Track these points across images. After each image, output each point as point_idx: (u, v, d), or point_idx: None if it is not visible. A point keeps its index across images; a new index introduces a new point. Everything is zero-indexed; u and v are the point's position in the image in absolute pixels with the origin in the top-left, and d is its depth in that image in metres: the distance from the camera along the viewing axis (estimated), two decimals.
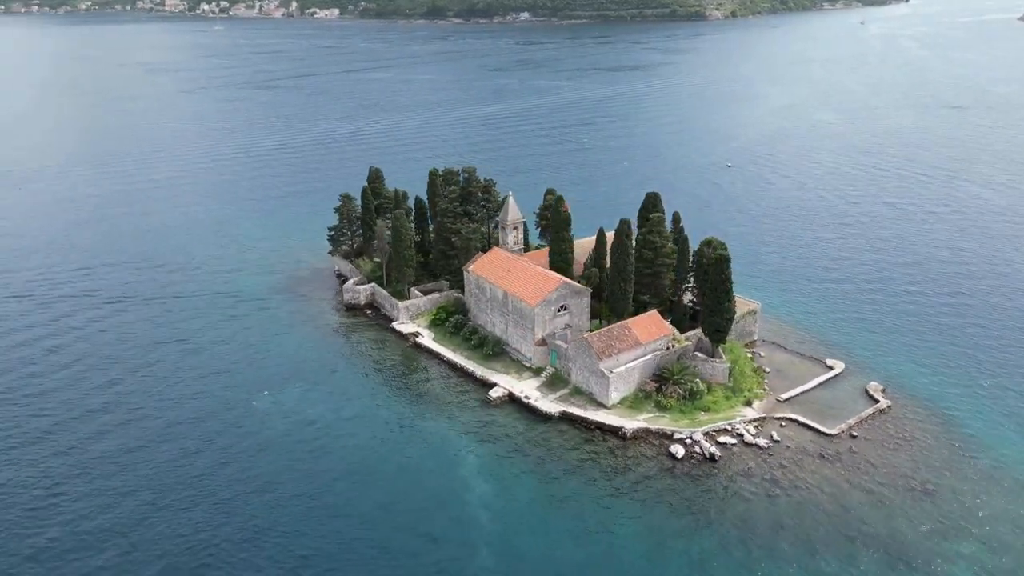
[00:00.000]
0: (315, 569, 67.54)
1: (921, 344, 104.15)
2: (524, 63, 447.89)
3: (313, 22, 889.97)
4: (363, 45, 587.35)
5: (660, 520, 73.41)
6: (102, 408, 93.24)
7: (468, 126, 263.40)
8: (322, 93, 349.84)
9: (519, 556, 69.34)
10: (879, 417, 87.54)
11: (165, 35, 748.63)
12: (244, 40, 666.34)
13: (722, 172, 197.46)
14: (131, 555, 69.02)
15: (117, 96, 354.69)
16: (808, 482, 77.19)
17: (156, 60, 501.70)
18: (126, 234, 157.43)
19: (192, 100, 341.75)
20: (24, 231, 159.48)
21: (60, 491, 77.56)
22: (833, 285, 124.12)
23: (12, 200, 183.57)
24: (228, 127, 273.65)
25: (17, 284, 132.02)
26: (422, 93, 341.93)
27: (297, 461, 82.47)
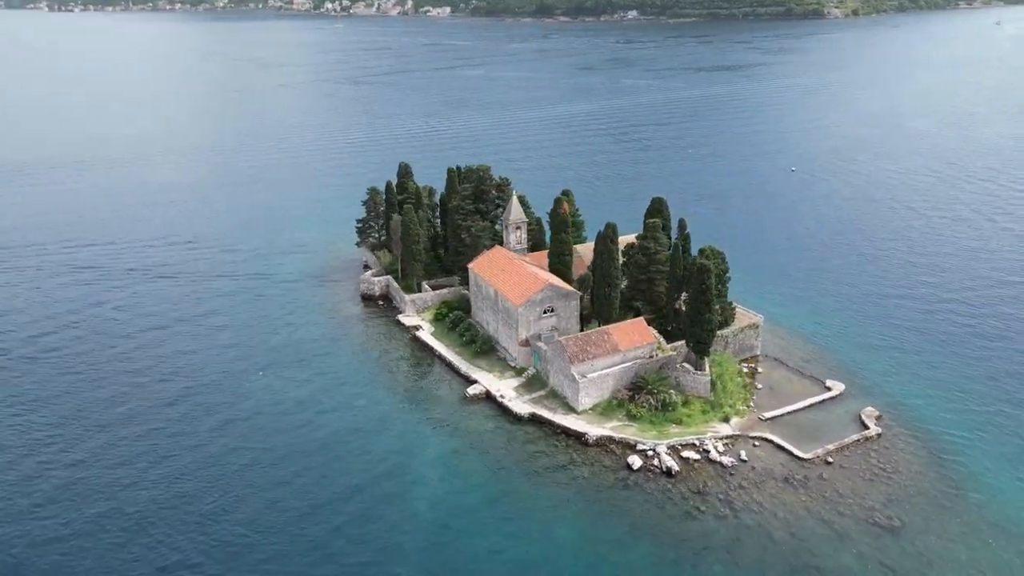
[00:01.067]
0: (224, 542, 70.48)
1: (937, 374, 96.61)
2: (615, 62, 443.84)
3: (425, 20, 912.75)
4: (462, 43, 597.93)
5: (601, 529, 72.26)
6: (102, 372, 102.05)
7: (540, 125, 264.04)
8: (412, 89, 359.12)
9: (450, 550, 69.99)
10: (864, 445, 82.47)
11: (289, 32, 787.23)
12: (356, 37, 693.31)
13: (783, 176, 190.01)
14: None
15: (231, 88, 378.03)
16: (764, 506, 73.89)
17: (274, 55, 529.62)
18: (197, 216, 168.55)
19: (292, 93, 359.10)
20: (99, 212, 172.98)
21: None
22: (857, 304, 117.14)
23: (103, 182, 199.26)
24: (316, 121, 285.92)
25: (86, 256, 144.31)
26: (505, 91, 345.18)
27: (257, 438, 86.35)
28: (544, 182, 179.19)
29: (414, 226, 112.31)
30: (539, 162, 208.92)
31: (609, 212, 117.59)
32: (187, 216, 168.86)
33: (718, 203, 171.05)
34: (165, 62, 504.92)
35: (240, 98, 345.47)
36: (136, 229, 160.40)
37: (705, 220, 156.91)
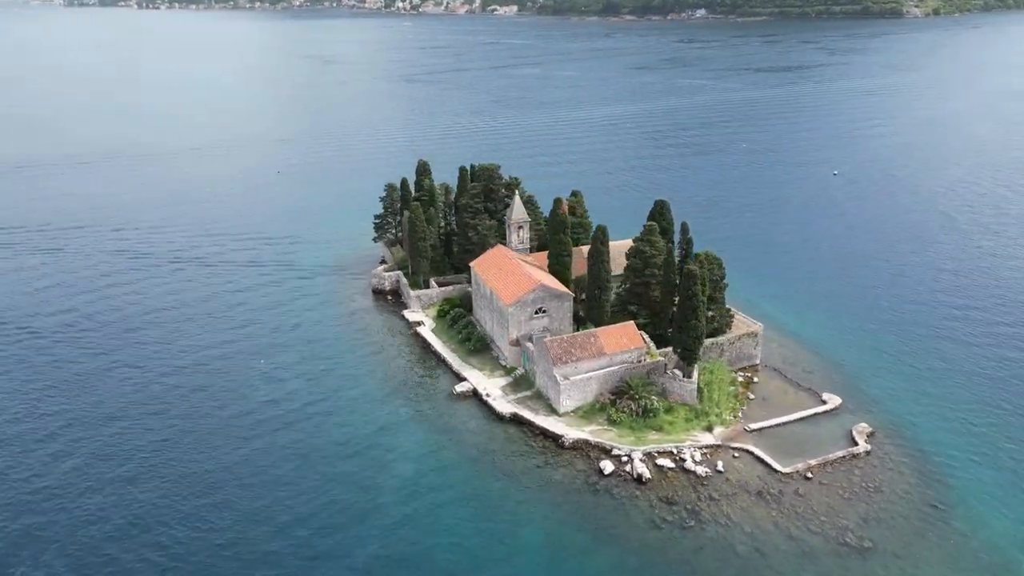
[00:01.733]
0: (184, 524, 72.70)
1: (944, 395, 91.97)
2: (672, 62, 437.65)
3: (491, 19, 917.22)
4: (522, 41, 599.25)
5: (565, 533, 71.85)
6: (111, 347, 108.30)
7: (582, 125, 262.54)
8: (463, 88, 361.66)
9: (412, 544, 70.60)
10: (849, 462, 79.65)
11: (358, 31, 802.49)
12: (421, 36, 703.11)
13: (824, 181, 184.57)
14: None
15: (293, 84, 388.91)
16: (731, 519, 72.21)
17: (339, 53, 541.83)
18: (244, 206, 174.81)
19: (349, 90, 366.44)
20: (154, 199, 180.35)
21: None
22: (874, 318, 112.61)
23: (162, 173, 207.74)
24: (366, 117, 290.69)
25: (133, 240, 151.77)
26: (555, 90, 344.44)
27: (236, 423, 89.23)
28: (571, 183, 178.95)
29: (420, 223, 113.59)
30: (573, 163, 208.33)
31: (638, 216, 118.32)
32: (236, 206, 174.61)
33: (750, 207, 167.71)
34: (238, 58, 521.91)
35: (300, 94, 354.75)
36: (186, 217, 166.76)
37: (733, 224, 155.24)
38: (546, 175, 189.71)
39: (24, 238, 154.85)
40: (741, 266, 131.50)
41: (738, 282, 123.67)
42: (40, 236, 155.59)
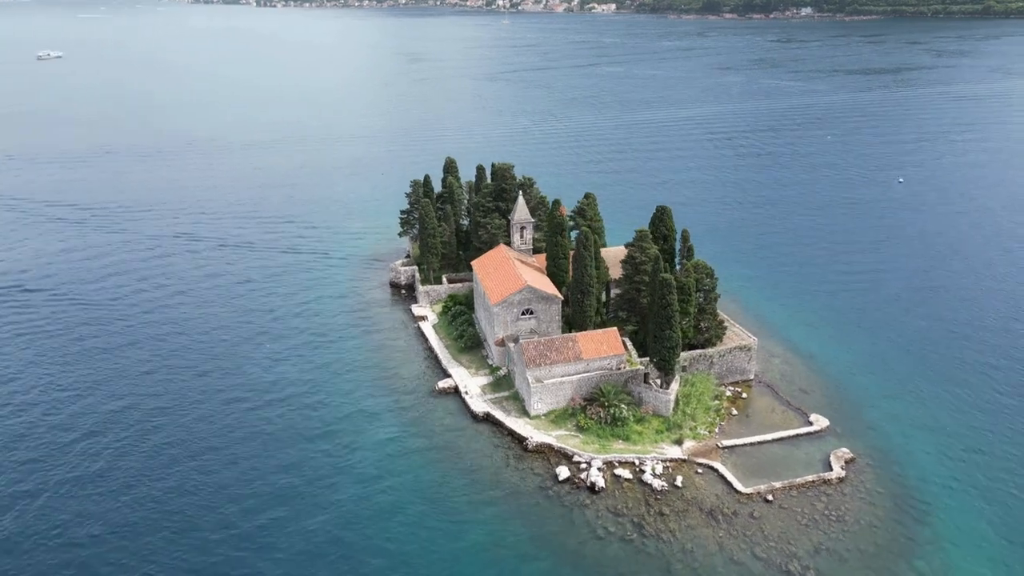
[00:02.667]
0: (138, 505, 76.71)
1: (944, 427, 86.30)
2: (761, 62, 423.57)
3: (588, 16, 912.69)
4: (612, 40, 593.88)
5: (506, 535, 71.70)
6: (133, 321, 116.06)
7: (648, 127, 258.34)
8: (539, 86, 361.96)
9: (354, 531, 72.06)
10: (817, 487, 76.06)
11: (456, 28, 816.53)
12: (514, 34, 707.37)
13: (885, 188, 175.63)
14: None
15: (378, 80, 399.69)
16: (675, 536, 70.42)
17: (431, 50, 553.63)
18: (301, 196, 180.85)
19: (429, 87, 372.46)
20: (218, 188, 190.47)
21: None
22: (893, 340, 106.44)
23: (239, 163, 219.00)
24: (436, 114, 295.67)
25: (187, 224, 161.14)
26: (630, 90, 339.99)
27: (220, 401, 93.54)
28: (607, 185, 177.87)
29: (430, 219, 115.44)
30: (623, 165, 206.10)
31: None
32: (296, 197, 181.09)
33: (798, 211, 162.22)
34: (338, 54, 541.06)
35: (382, 91, 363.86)
36: (246, 205, 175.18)
37: (771, 230, 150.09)
38: (583, 177, 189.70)
39: (96, 217, 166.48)
40: (766, 276, 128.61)
41: (755, 293, 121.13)
42: (109, 217, 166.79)
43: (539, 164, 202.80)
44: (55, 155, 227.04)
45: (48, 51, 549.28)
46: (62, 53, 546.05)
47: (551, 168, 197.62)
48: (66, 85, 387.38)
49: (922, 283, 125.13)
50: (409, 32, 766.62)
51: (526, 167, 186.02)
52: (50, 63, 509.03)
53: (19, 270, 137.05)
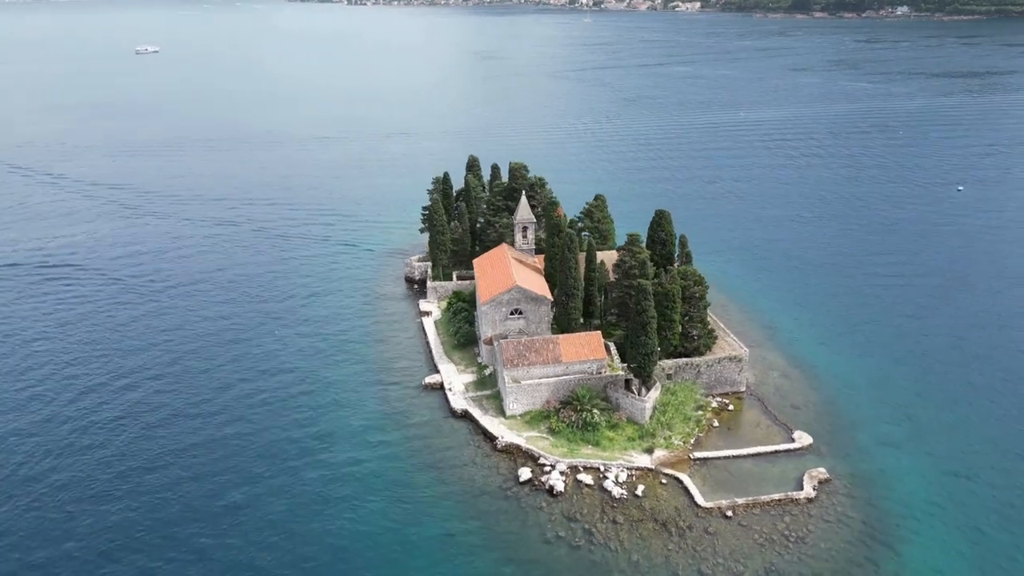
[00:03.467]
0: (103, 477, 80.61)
1: (942, 454, 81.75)
2: (841, 63, 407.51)
3: (671, 15, 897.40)
4: (686, 39, 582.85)
5: (458, 532, 72.07)
6: (156, 300, 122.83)
7: (701, 130, 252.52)
8: (600, 86, 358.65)
9: (312, 516, 73.63)
10: (784, 506, 73.45)
11: (535, 26, 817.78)
12: (593, 32, 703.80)
13: (942, 198, 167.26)
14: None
15: (445, 78, 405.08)
16: (624, 546, 69.35)
17: (504, 48, 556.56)
18: (348, 189, 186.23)
19: (491, 85, 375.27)
20: (276, 179, 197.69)
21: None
22: (908, 359, 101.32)
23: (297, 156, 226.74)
24: (491, 113, 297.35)
25: (230, 211, 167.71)
26: (694, 91, 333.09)
27: (212, 380, 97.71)
28: (649, 189, 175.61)
29: (439, 216, 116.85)
30: (668, 168, 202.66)
31: (715, 232, 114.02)
32: (340, 189, 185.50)
33: (840, 218, 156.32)
34: (414, 52, 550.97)
35: (445, 88, 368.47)
36: (291, 196, 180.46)
37: (807, 238, 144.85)
38: (620, 179, 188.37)
39: (153, 203, 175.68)
40: (788, 285, 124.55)
41: (773, 303, 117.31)
42: (164, 203, 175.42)
43: (578, 165, 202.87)
44: (134, 144, 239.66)
45: (146, 46, 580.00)
46: (158, 48, 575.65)
47: (589, 170, 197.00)
48: (158, 78, 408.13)
49: (952, 303, 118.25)
50: (489, 29, 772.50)
51: (565, 168, 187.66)
52: (147, 57, 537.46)
53: (71, 248, 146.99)
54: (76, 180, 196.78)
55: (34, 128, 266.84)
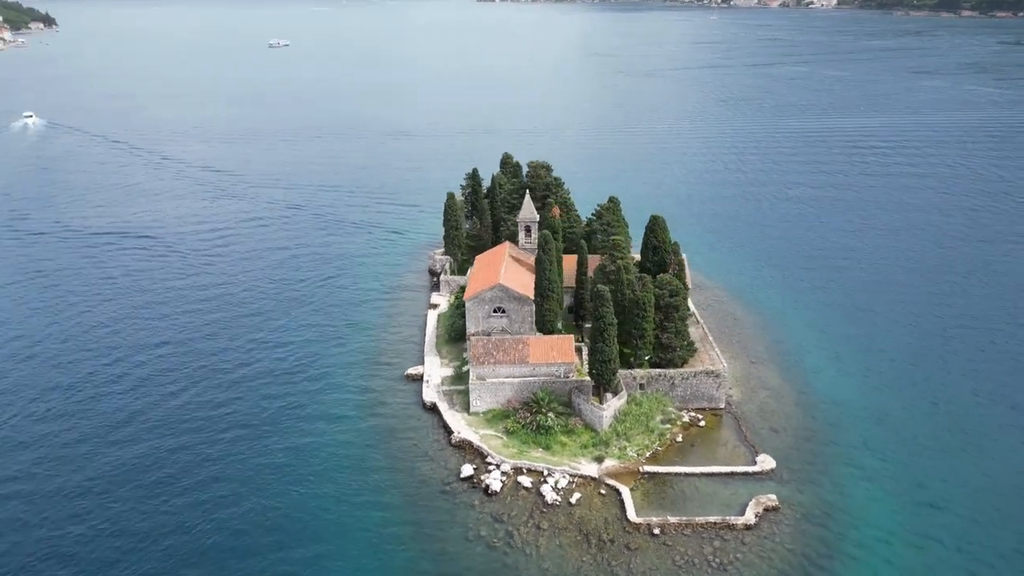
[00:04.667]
0: None
1: (920, 496, 75.60)
2: (973, 66, 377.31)
3: (803, 12, 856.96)
4: (806, 38, 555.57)
5: (389, 522, 73.04)
6: (183, 271, 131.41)
7: (799, 135, 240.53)
8: (700, 85, 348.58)
9: (249, 487, 77.17)
10: (718, 530, 70.28)
11: (657, 23, 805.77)
12: (712, 30, 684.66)
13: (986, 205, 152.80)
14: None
15: (551, 76, 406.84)
16: (539, 552, 68.64)
17: (615, 45, 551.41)
18: (400, 183, 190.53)
19: (590, 84, 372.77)
20: (352, 168, 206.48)
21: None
22: (912, 391, 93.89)
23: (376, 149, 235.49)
24: (579, 113, 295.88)
25: (297, 195, 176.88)
26: (801, 93, 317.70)
27: (211, 360, 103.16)
28: (710, 194, 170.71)
29: (453, 212, 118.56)
30: (737, 174, 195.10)
31: (766, 242, 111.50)
32: (404, 181, 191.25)
33: (898, 232, 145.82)
34: (529, 51, 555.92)
35: (540, 88, 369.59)
36: (358, 185, 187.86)
37: (849, 258, 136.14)
38: (681, 182, 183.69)
39: (235, 185, 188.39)
40: (819, 303, 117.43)
41: (793, 321, 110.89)
42: (244, 185, 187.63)
43: (638, 167, 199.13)
44: (247, 131, 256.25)
45: (278, 39, 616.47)
46: (289, 42, 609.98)
47: (649, 172, 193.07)
48: (286, 70, 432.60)
49: (991, 340, 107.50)
50: (608, 26, 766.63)
51: (622, 170, 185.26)
52: (279, 51, 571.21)
53: (152, 221, 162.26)
54: (182, 162, 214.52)
55: (160, 113, 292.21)
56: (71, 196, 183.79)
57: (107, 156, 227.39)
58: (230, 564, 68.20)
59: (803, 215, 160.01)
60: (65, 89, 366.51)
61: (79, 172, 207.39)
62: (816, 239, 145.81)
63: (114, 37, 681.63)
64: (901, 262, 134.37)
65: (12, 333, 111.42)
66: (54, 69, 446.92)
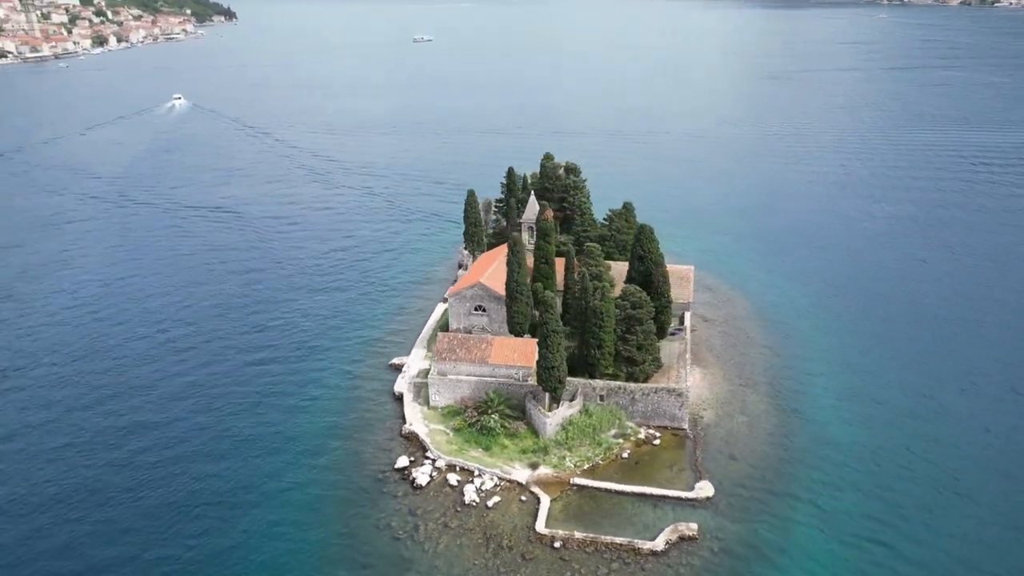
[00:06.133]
0: None
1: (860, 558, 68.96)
2: None
3: (986, 11, 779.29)
4: (972, 40, 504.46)
5: (316, 504, 75.79)
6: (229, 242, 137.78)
7: (916, 148, 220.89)
8: (820, 89, 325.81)
9: (210, 452, 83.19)
10: (620, 552, 67.96)
11: (815, 21, 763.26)
12: (872, 31, 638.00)
13: None
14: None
15: (670, 77, 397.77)
16: (437, 549, 69.30)
17: (754, 44, 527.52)
18: (472, 179, 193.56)
19: (718, 84, 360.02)
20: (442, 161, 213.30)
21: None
22: (907, 443, 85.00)
23: None
24: (673, 115, 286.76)
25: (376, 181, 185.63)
26: (934, 101, 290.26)
27: (222, 332, 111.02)
28: (784, 205, 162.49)
29: (473, 209, 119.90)
30: (816, 186, 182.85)
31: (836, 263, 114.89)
32: (476, 176, 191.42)
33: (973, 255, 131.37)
34: (665, 55, 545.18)
35: (661, 91, 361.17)
36: (433, 179, 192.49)
37: (894, 289, 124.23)
38: (758, 191, 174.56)
39: (329, 172, 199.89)
40: (850, 334, 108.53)
41: (812, 351, 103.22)
42: (334, 172, 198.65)
43: (725, 173, 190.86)
44: (372, 122, 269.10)
45: (422, 35, 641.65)
46: (432, 37, 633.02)
47: (733, 182, 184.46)
48: (427, 63, 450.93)
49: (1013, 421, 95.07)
50: (760, 25, 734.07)
51: (696, 177, 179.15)
52: (422, 45, 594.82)
53: (244, 200, 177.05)
54: (294, 146, 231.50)
55: (290, 103, 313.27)
56: (184, 171, 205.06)
57: (230, 137, 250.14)
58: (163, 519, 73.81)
59: (880, 238, 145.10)
60: (217, 77, 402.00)
61: (199, 151, 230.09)
62: (882, 270, 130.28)
63: (280, 31, 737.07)
64: (983, 323, 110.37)
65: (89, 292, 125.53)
66: (217, 59, 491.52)
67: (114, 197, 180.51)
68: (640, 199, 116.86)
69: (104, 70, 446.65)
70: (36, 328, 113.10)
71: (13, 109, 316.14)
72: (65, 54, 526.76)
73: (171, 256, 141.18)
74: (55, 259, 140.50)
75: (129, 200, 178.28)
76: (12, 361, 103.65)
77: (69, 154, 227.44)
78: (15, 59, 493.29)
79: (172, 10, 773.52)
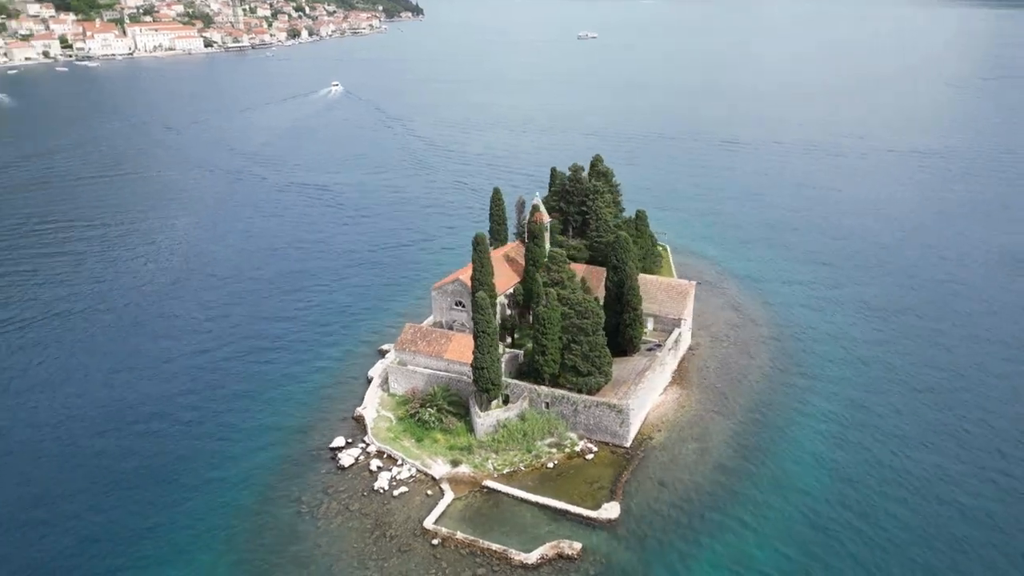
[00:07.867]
0: None
1: None
2: None
3: None
4: None
5: (248, 470, 79.98)
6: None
7: None
8: (992, 96, 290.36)
9: (177, 426, 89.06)
10: (492, 559, 67.04)
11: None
12: None
13: None
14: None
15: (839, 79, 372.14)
16: (327, 528, 71.30)
17: (942, 48, 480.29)
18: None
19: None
20: None
21: None
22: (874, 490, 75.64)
23: None
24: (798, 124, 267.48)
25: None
26: None
27: (210, 310, 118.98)
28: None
29: (498, 205, 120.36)
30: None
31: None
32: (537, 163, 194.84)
33: None
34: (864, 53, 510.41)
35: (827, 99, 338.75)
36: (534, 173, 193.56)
37: None
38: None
39: (434, 163, 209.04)
40: (855, 363, 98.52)
41: (815, 382, 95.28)
42: (451, 165, 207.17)
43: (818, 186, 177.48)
44: (501, 116, 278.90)
45: (587, 32, 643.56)
46: (597, 34, 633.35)
47: (820, 196, 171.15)
48: (591, 59, 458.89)
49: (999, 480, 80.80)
50: (972, 27, 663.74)
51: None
52: (587, 42, 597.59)
53: (341, 181, 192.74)
54: (419, 136, 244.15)
55: (436, 98, 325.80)
56: (315, 151, 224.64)
57: (369, 123, 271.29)
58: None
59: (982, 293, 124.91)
60: (380, 68, 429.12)
61: (333, 133, 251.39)
62: (961, 339, 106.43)
63: (461, 28, 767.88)
64: None
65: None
66: (390, 52, 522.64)
67: (237, 167, 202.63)
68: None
69: (289, 60, 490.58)
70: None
71: (212, 88, 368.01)
72: (261, 45, 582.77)
73: (245, 233, 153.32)
74: (145, 228, 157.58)
75: (246, 172, 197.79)
76: None
77: (236, 127, 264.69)
78: (219, 48, 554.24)
79: (365, 6, 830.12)
